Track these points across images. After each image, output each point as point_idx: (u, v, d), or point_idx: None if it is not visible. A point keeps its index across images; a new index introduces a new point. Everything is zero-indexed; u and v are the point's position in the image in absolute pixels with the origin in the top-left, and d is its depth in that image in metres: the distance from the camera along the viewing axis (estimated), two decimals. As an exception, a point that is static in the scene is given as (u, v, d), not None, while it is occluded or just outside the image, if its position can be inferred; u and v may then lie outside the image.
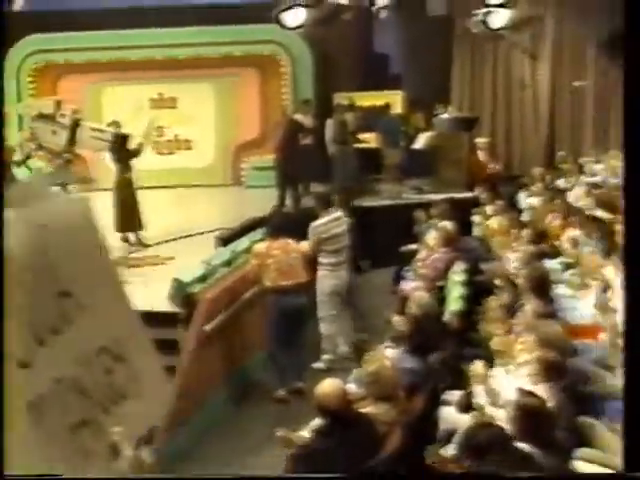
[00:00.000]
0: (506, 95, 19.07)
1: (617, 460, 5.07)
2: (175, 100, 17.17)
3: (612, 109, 19.04)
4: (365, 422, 5.64)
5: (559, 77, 18.77)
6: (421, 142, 15.66)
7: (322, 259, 9.54)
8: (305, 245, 9.34)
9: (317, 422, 5.86)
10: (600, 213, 13.15)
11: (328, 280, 9.56)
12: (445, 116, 16.09)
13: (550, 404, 5.23)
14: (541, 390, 5.42)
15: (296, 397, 8.74)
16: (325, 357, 9.57)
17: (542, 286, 7.65)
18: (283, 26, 13.96)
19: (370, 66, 17.88)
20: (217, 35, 16.47)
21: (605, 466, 5.13)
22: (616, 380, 5.93)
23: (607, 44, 18.33)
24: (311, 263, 9.46)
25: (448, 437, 5.95)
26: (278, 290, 8.82)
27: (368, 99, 16.82)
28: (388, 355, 6.83)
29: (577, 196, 14.54)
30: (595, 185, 15.45)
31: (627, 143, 3.97)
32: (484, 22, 15.24)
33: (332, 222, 9.55)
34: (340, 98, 16.02)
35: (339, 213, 9.76)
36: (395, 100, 17.27)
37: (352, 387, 6.44)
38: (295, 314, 8.89)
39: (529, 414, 4.87)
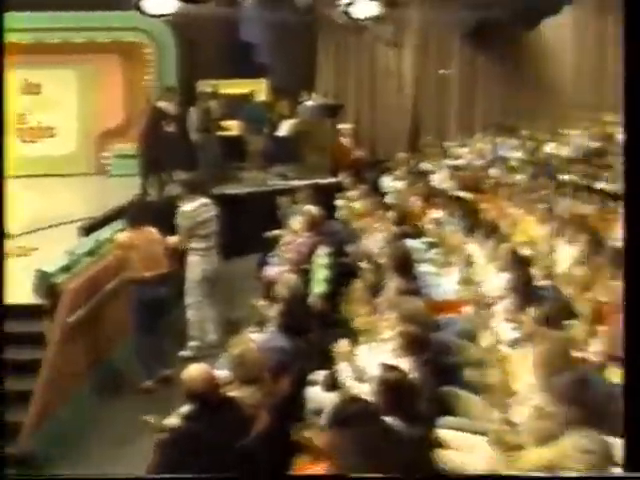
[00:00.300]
0: (371, 83, 19.38)
1: (479, 425, 5.25)
2: (39, 86, 16.76)
3: (477, 96, 19.60)
4: (232, 405, 5.63)
5: (424, 65, 19.18)
6: (285, 129, 15.73)
7: (193, 244, 9.47)
8: (173, 238, 9.29)
9: (186, 408, 5.82)
10: (463, 194, 13.54)
11: (199, 265, 9.51)
12: (309, 103, 16.22)
13: (413, 377, 5.34)
14: (404, 364, 5.52)
15: (164, 386, 8.68)
16: (192, 344, 9.51)
17: (404, 265, 7.82)
18: (143, 13, 13.80)
19: (235, 54, 17.81)
20: (80, 21, 16.11)
21: (470, 432, 5.29)
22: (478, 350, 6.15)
23: (472, 34, 18.85)
24: (174, 252, 9.40)
25: (315, 416, 6.01)
26: (141, 281, 8.73)
27: (232, 87, 16.71)
28: (253, 339, 6.84)
29: (441, 178, 14.91)
30: (458, 167, 15.88)
31: (628, 143, 4.03)
32: (347, 13, 15.41)
33: (201, 208, 9.52)
34: (204, 86, 15.87)
35: (206, 199, 9.73)
36: (260, 88, 17.28)
37: (220, 372, 6.42)
38: (159, 304, 8.82)
39: (392, 387, 4.95)
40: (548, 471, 4.30)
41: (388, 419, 4.73)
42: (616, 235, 9.83)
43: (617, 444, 4.56)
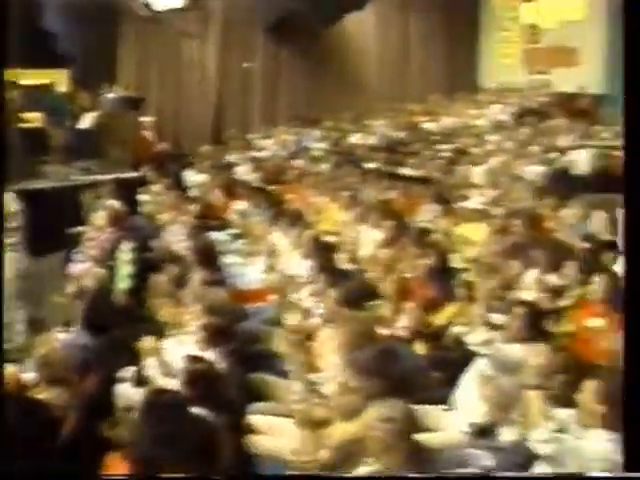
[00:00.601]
0: (174, 75, 19.29)
1: (287, 408, 5.40)
2: None
3: (281, 88, 19.87)
4: (40, 407, 5.54)
5: (228, 58, 19.26)
6: (87, 122, 15.38)
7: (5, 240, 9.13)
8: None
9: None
10: (266, 185, 13.74)
11: (12, 263, 9.17)
12: (111, 95, 15.96)
13: (219, 366, 5.42)
14: (210, 355, 5.60)
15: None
16: (-1, 347, 9.22)
17: (208, 256, 7.91)
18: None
19: (35, 43, 17.24)
20: None
21: (279, 415, 5.43)
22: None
23: (274, 27, 19.09)
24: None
25: (126, 412, 5.98)
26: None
27: (32, 77, 16.14)
28: (58, 338, 6.73)
29: (244, 170, 15.05)
30: (261, 159, 16.07)
31: (628, 145, 4.11)
32: (147, 5, 15.28)
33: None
34: (3, 75, 15.26)
35: (10, 193, 9.40)
36: (60, 79, 16.83)
37: (27, 375, 6.29)
38: None
39: (197, 378, 5.01)
40: (353, 444, 4.46)
41: (196, 409, 4.80)
42: (419, 217, 10.29)
43: (423, 411, 4.80)
